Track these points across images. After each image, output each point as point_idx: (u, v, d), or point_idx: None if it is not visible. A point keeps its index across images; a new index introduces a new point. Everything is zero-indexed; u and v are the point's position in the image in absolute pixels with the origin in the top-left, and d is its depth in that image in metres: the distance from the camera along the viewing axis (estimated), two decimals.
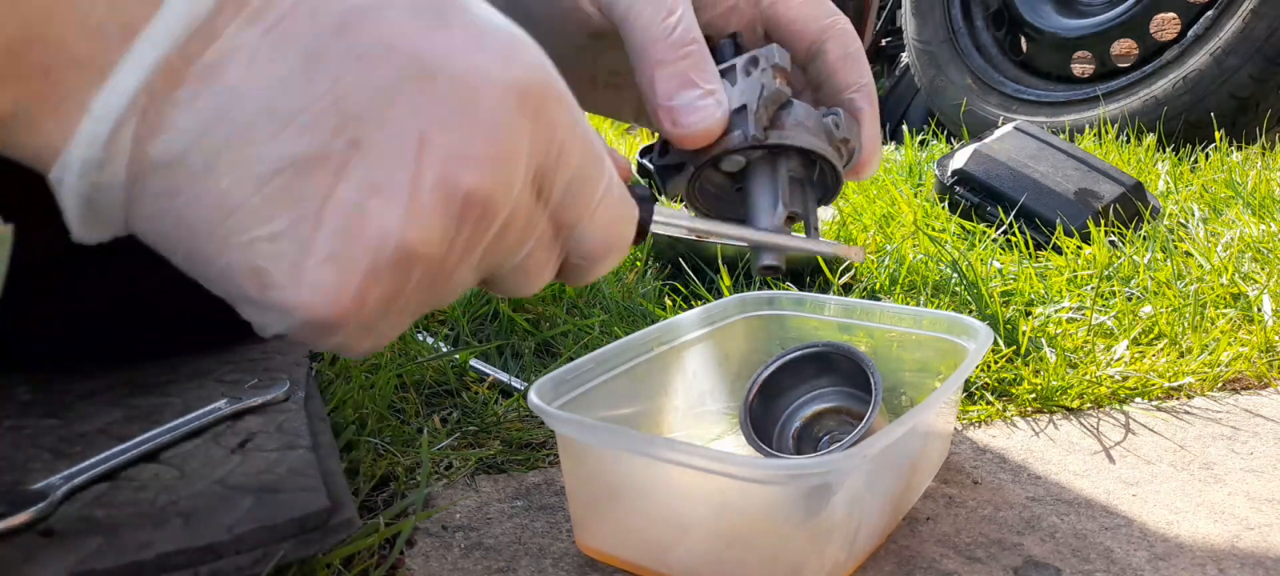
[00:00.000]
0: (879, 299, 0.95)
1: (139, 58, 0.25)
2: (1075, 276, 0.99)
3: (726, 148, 0.41)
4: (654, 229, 0.40)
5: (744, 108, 0.40)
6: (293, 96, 0.26)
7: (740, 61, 0.42)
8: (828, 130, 0.43)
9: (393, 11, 0.27)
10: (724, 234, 0.43)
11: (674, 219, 0.41)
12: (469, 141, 0.28)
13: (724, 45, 0.44)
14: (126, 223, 0.27)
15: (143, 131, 0.25)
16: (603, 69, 0.48)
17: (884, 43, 3.14)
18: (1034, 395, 0.70)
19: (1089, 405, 0.70)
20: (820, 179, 0.46)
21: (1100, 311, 0.86)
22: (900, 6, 2.59)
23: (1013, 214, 1.18)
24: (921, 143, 2.14)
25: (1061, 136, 1.53)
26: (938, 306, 0.91)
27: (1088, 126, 1.99)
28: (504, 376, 0.71)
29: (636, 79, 0.40)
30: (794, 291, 0.68)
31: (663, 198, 0.42)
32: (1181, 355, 0.78)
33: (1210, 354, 0.77)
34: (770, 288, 0.91)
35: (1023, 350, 0.76)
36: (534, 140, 0.30)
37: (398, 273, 0.28)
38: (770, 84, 0.41)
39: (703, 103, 0.39)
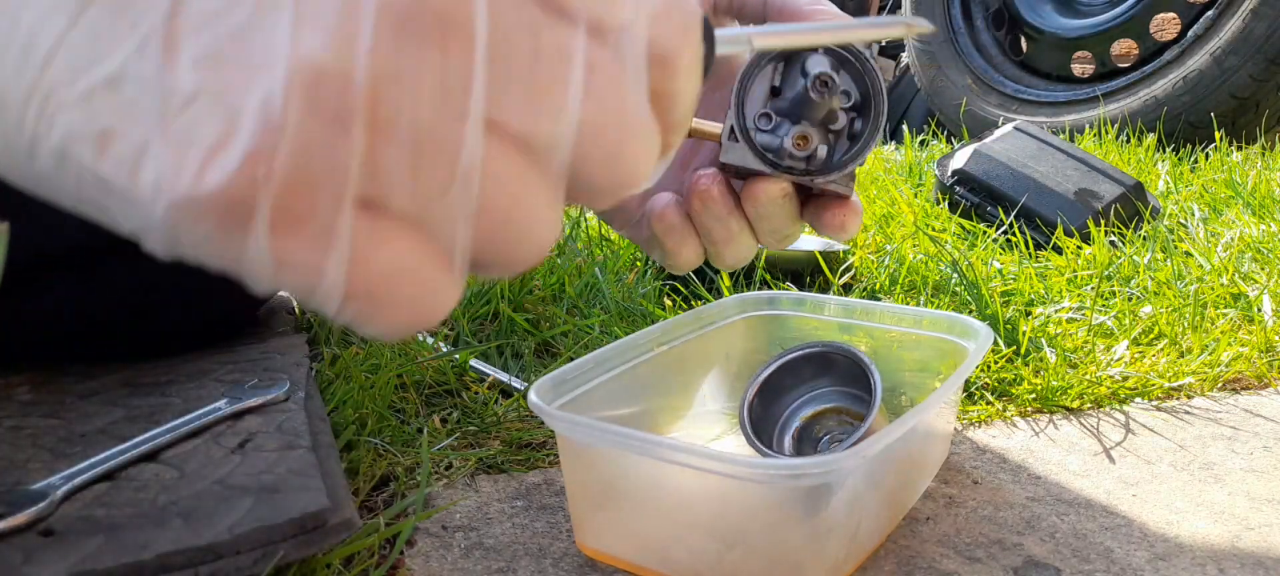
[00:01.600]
0: (879, 299, 0.95)
1: None
2: (1075, 276, 0.99)
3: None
4: (721, 38, 0.31)
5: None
6: None
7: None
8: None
9: None
10: (804, 39, 0.39)
11: (743, 32, 0.33)
12: None
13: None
14: None
15: None
16: None
17: (884, 43, 3.14)
18: (1034, 395, 0.70)
19: (1089, 405, 0.70)
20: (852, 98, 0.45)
21: (1100, 311, 0.86)
22: (900, 6, 2.59)
23: (1013, 214, 1.18)
24: (921, 143, 2.14)
25: (1061, 136, 1.53)
26: (938, 306, 0.91)
27: (1088, 126, 1.99)
28: (504, 376, 0.71)
29: None
30: (794, 291, 0.68)
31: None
32: (1181, 355, 0.78)
33: (1210, 354, 0.77)
34: (772, 287, 0.91)
35: (1023, 350, 0.76)
36: None
37: (310, 107, 0.18)
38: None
39: None
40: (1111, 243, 1.13)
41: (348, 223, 0.19)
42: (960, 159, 1.29)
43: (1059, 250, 1.11)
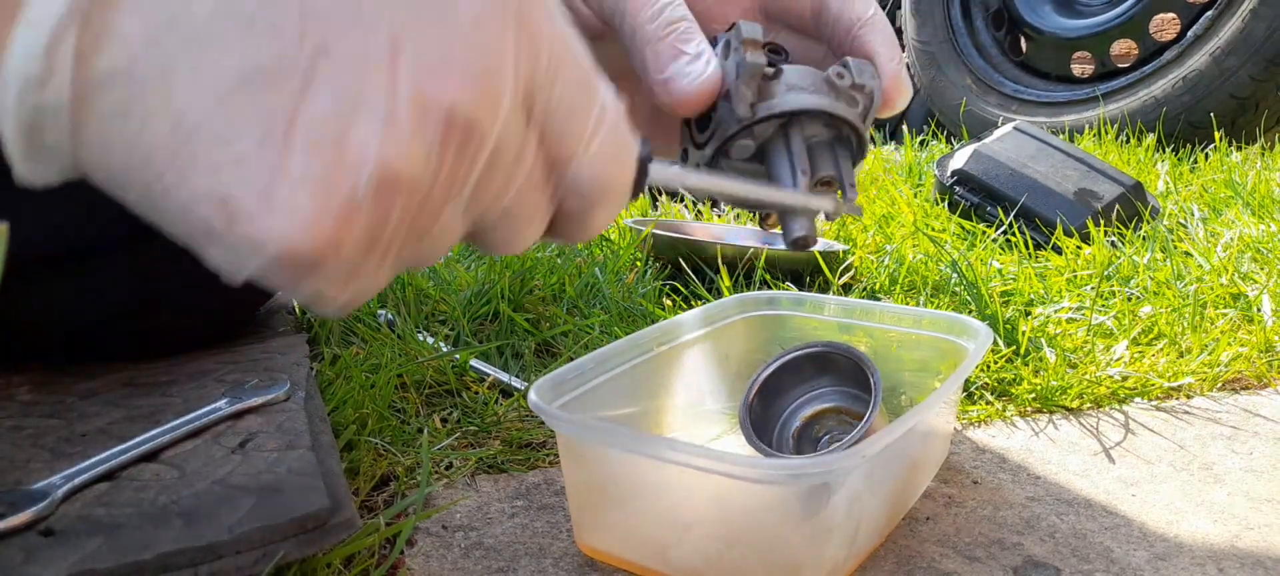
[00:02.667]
0: (879, 299, 0.95)
1: None
2: (1075, 276, 0.99)
3: (723, 134, 0.40)
4: (654, 174, 0.36)
5: (728, 92, 0.40)
6: None
7: (716, 50, 0.41)
8: (830, 82, 0.41)
9: None
10: (729, 191, 0.39)
11: (677, 172, 0.37)
12: (448, 48, 0.25)
13: (717, 41, 0.43)
14: (75, 155, 0.24)
15: (86, 40, 0.22)
16: (603, 73, 0.48)
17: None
18: (1034, 395, 0.70)
19: (1089, 405, 0.70)
20: (846, 136, 0.44)
21: (1100, 311, 0.86)
22: (900, 7, 2.59)
23: (1012, 214, 1.18)
24: (921, 143, 2.14)
25: (1061, 137, 1.53)
26: (937, 306, 0.91)
27: (1087, 126, 2.00)
28: (504, 376, 0.71)
29: (634, 66, 0.41)
30: (794, 291, 0.68)
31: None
32: (1181, 355, 0.78)
33: (1210, 354, 0.77)
34: (772, 287, 0.91)
35: (1022, 350, 0.77)
36: (519, 50, 0.27)
37: (380, 200, 0.25)
38: (746, 60, 0.39)
39: (691, 66, 0.40)
40: (1111, 243, 1.13)
41: (369, 271, 0.27)
42: (960, 159, 1.30)
43: (1059, 250, 1.11)
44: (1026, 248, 1.13)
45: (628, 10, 0.41)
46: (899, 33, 2.89)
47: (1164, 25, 2.20)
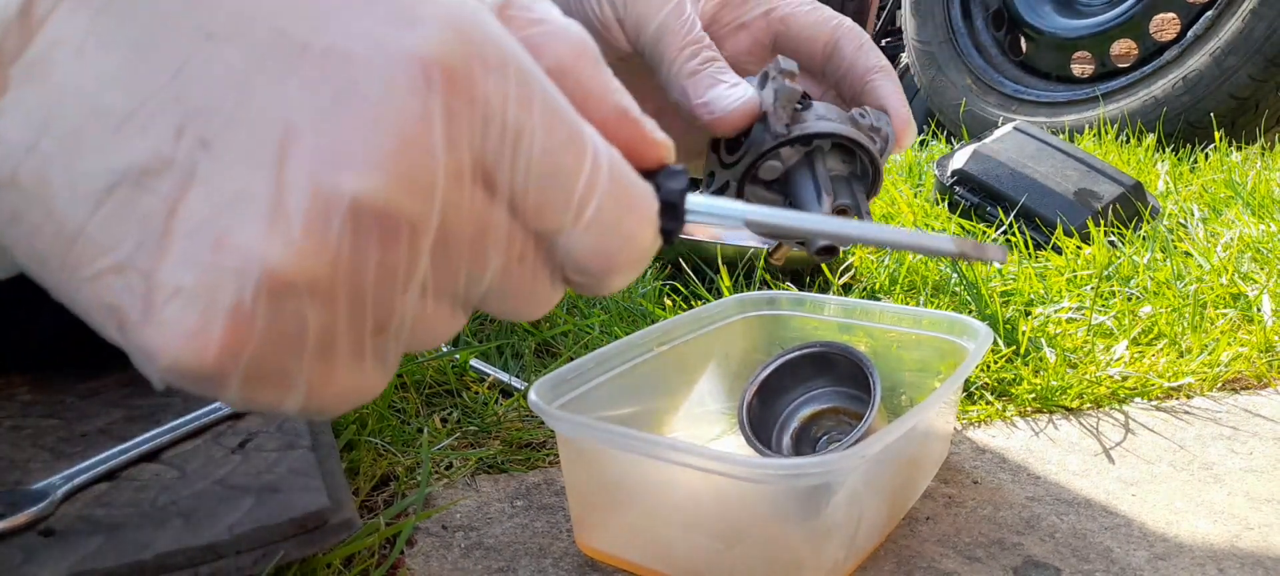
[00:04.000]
0: (879, 299, 0.95)
1: None
2: (1075, 276, 0.99)
3: (758, 151, 0.43)
4: (691, 222, 0.30)
5: (765, 115, 0.44)
6: (125, 92, 0.21)
7: (753, 81, 0.45)
8: (853, 119, 0.45)
9: None
10: (782, 226, 0.33)
11: (717, 208, 0.31)
12: (348, 134, 0.22)
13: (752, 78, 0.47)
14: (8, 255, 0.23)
15: None
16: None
17: (884, 43, 3.14)
18: (1034, 395, 0.70)
19: (1089, 405, 0.70)
20: (862, 172, 0.47)
21: (1100, 311, 0.86)
22: (900, 6, 2.59)
23: (1012, 214, 1.18)
24: (921, 143, 2.14)
25: (1061, 137, 1.53)
26: (937, 306, 0.91)
27: (1087, 127, 1.99)
28: (504, 376, 0.71)
29: (669, 93, 0.44)
30: (794, 291, 0.68)
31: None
32: (1181, 355, 0.78)
33: (1210, 354, 0.77)
34: (772, 287, 0.91)
35: (1022, 350, 0.77)
36: (453, 124, 0.23)
37: (277, 306, 0.22)
38: (784, 86, 0.43)
39: (732, 91, 0.43)
40: (1111, 243, 1.13)
41: (303, 374, 0.23)
42: (960, 159, 1.30)
43: (1059, 250, 1.11)
44: (1026, 247, 1.13)
45: (666, 38, 0.44)
46: (899, 32, 2.89)
47: (1164, 25, 2.20)
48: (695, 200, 0.30)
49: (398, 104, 0.22)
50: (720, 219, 0.31)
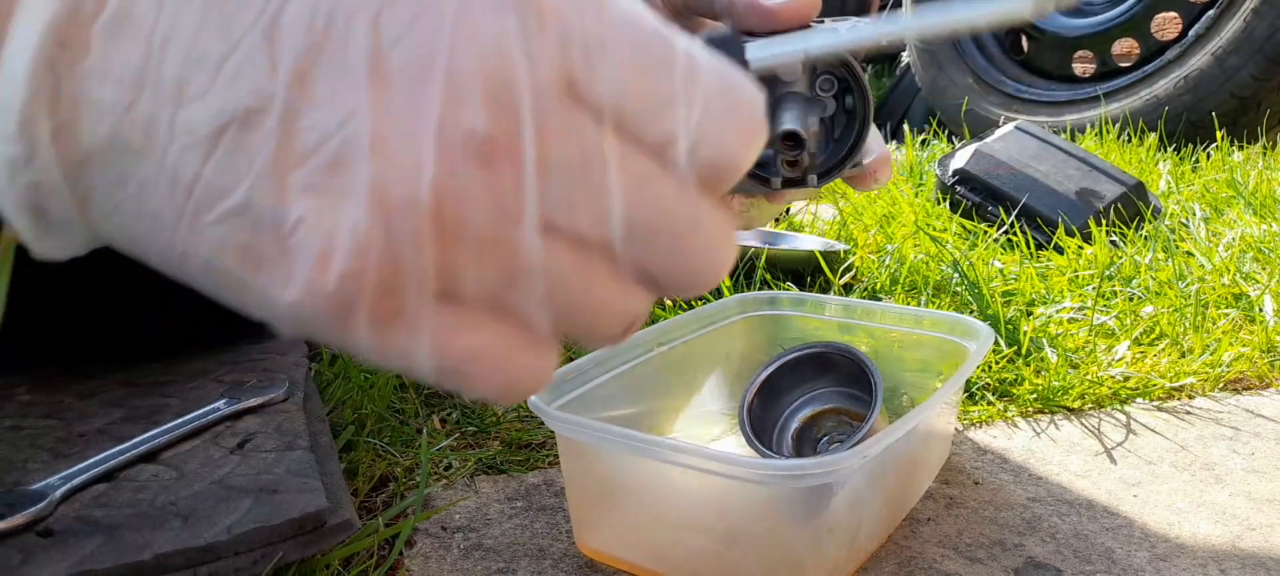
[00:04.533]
0: (880, 299, 0.95)
1: (23, 34, 0.21)
2: (1076, 276, 0.98)
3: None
4: (758, 58, 0.30)
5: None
6: (218, 34, 0.22)
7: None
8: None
9: None
10: (843, 45, 0.33)
11: (777, 50, 0.31)
12: (435, 51, 0.22)
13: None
14: (90, 227, 0.23)
15: (60, 116, 0.22)
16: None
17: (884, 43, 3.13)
18: (1035, 395, 0.69)
19: (1090, 405, 0.70)
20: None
21: (1101, 311, 0.86)
22: (900, 6, 2.59)
23: (1014, 214, 1.18)
24: (922, 142, 2.13)
25: (1063, 136, 1.53)
26: (939, 306, 0.91)
27: (1089, 126, 1.99)
28: None
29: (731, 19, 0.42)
30: (794, 291, 0.68)
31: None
32: (1183, 355, 0.78)
33: (1212, 354, 0.77)
34: (771, 287, 0.91)
35: (1024, 350, 0.76)
36: (530, 41, 0.23)
37: (389, 227, 0.22)
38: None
39: None
40: (1113, 242, 1.13)
41: (430, 316, 0.23)
42: (961, 158, 1.29)
43: (1060, 250, 1.11)
44: (1028, 247, 1.12)
45: None
46: None
47: (1165, 24, 2.19)
48: (753, 50, 0.30)
49: (473, 23, 0.23)
50: (787, 54, 0.31)
